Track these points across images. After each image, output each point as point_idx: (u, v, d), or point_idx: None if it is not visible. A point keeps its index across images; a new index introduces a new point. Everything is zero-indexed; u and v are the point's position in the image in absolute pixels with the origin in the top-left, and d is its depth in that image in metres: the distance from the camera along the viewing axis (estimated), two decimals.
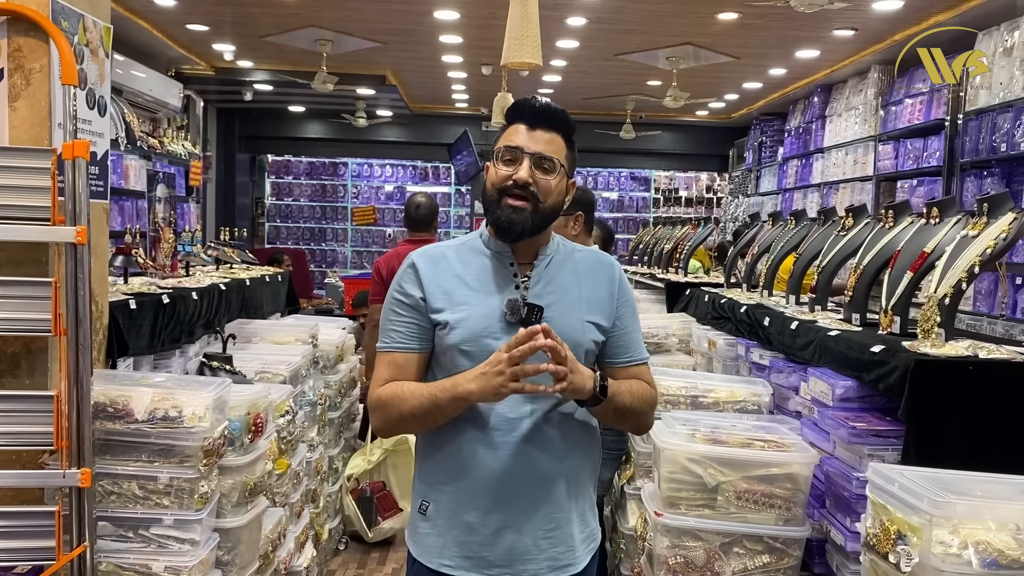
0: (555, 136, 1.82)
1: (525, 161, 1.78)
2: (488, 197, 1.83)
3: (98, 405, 2.32)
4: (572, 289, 1.85)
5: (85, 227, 2.18)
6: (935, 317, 2.39)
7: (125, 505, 2.36)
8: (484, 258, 1.85)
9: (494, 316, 1.78)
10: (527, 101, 1.83)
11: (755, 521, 2.32)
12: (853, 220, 3.31)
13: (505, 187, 1.78)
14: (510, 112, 1.85)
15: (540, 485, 1.80)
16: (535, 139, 1.79)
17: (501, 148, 1.81)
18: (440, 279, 1.82)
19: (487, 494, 1.77)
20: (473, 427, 1.77)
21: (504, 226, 1.79)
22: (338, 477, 4.48)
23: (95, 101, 2.64)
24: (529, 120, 1.81)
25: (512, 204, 1.77)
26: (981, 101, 5.48)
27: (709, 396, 2.95)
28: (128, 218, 6.97)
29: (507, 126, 1.85)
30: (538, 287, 1.83)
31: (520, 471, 1.77)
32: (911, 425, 2.11)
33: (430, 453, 1.85)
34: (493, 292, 1.81)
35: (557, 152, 1.81)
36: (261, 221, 14.14)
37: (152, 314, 3.03)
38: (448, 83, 9.77)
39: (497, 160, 1.81)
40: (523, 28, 4.06)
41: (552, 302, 1.81)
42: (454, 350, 1.78)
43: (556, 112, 1.83)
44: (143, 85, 7.70)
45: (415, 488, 1.92)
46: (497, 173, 1.80)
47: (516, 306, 1.77)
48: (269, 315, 4.69)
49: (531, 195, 1.77)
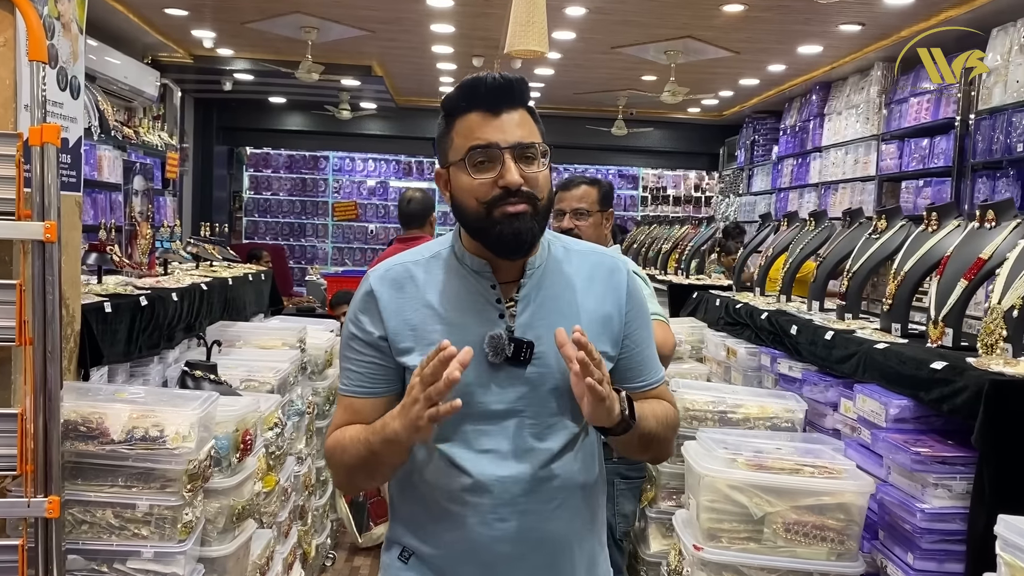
0: (523, 114, 1.45)
1: (507, 159, 1.41)
2: (472, 214, 1.44)
3: (69, 424, 2.06)
4: (569, 310, 1.50)
5: (55, 222, 1.91)
6: (1000, 331, 2.17)
7: (99, 536, 2.10)
8: (459, 277, 1.50)
9: (476, 355, 1.39)
10: (480, 80, 1.43)
11: (805, 556, 2.10)
12: (887, 223, 3.10)
13: (494, 198, 1.42)
14: (457, 100, 1.45)
15: (538, 548, 1.49)
16: (505, 126, 1.42)
17: (467, 149, 1.42)
18: (405, 311, 1.49)
19: (478, 559, 1.49)
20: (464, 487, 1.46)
21: (511, 241, 1.43)
22: (326, 489, 4.22)
23: (67, 81, 2.37)
24: (489, 104, 1.42)
25: (511, 212, 1.41)
26: (995, 99, 5.31)
27: (738, 411, 2.73)
28: (101, 212, 6.64)
29: (452, 117, 1.46)
30: (527, 314, 1.48)
31: (515, 536, 1.48)
32: (987, 453, 1.89)
33: (413, 507, 1.55)
34: (473, 324, 1.46)
35: (532, 133, 1.45)
36: (239, 216, 13.77)
37: (129, 318, 2.76)
38: (436, 75, 9.50)
39: (464, 166, 1.43)
40: (529, 13, 3.82)
41: (546, 330, 1.45)
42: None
43: (517, 83, 1.45)
44: (118, 72, 7.36)
45: (392, 528, 1.62)
46: (472, 183, 1.42)
47: (500, 345, 1.44)
48: (252, 316, 4.44)
49: (527, 196, 1.42)
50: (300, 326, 4.08)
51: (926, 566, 2.00)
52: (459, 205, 1.47)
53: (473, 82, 1.44)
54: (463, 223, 1.49)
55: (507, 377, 1.46)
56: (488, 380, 1.45)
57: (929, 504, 2.00)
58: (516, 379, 1.46)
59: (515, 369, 1.45)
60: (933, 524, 1.99)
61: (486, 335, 1.45)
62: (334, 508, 4.48)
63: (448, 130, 1.48)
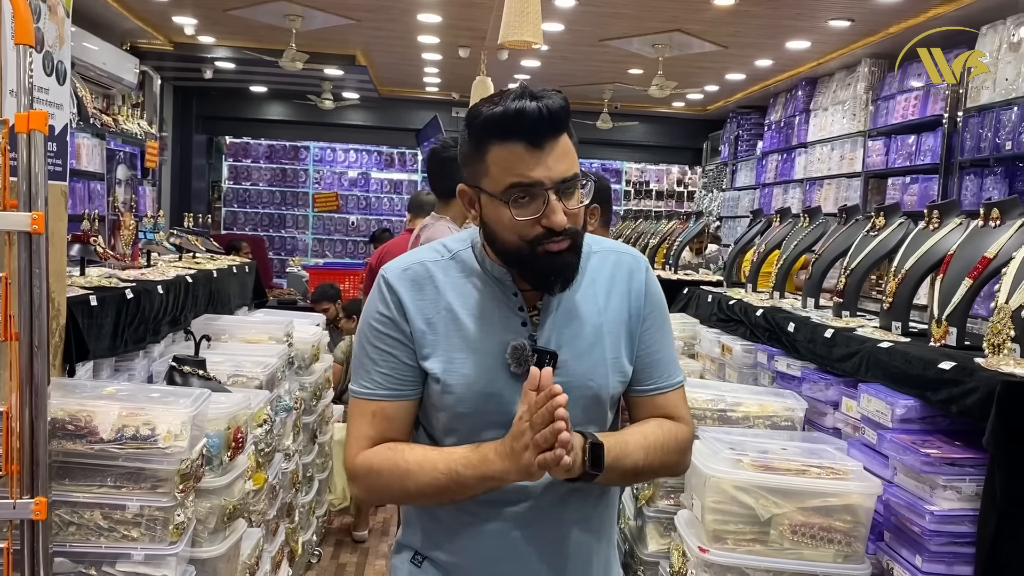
0: (564, 140, 1.36)
1: (552, 199, 1.33)
2: (510, 247, 1.38)
3: (56, 422, 1.99)
4: (592, 317, 1.46)
5: (42, 213, 1.84)
6: (1007, 331, 2.15)
7: (87, 538, 2.03)
8: (480, 283, 1.44)
9: (497, 366, 1.40)
10: (522, 112, 1.31)
11: (811, 558, 2.06)
12: (885, 220, 3.07)
13: (537, 236, 1.35)
14: (497, 127, 1.33)
15: (554, 555, 1.47)
16: (550, 161, 1.33)
17: (507, 185, 1.34)
18: (427, 312, 1.42)
19: (493, 566, 1.46)
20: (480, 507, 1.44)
21: (553, 282, 1.39)
22: (312, 486, 4.15)
23: (53, 66, 2.28)
24: (532, 137, 1.32)
25: (553, 250, 1.36)
26: (984, 97, 5.32)
27: (738, 410, 2.69)
28: (80, 202, 6.51)
29: (486, 144, 1.35)
30: (550, 323, 1.44)
31: (532, 543, 1.45)
32: (999, 456, 1.86)
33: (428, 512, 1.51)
34: (495, 333, 1.41)
35: (573, 161, 1.38)
36: (217, 206, 13.59)
37: (115, 311, 2.69)
38: (421, 65, 9.40)
39: (504, 201, 1.35)
40: (523, 4, 3.75)
41: (569, 341, 1.43)
42: (450, 411, 1.42)
43: (557, 110, 1.33)
44: (96, 59, 7.21)
45: (405, 532, 1.58)
46: (513, 221, 1.35)
47: (523, 355, 1.39)
48: (236, 309, 4.36)
49: (571, 233, 1.37)
50: (287, 320, 4.01)
51: (935, 568, 1.97)
52: (495, 236, 1.40)
53: (518, 112, 1.31)
54: (498, 252, 1.42)
55: None
56: (510, 389, 1.40)
57: (938, 506, 1.97)
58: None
59: None
60: (942, 526, 1.96)
61: (508, 344, 1.40)
62: (321, 504, 4.42)
63: (481, 152, 1.36)
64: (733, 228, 9.96)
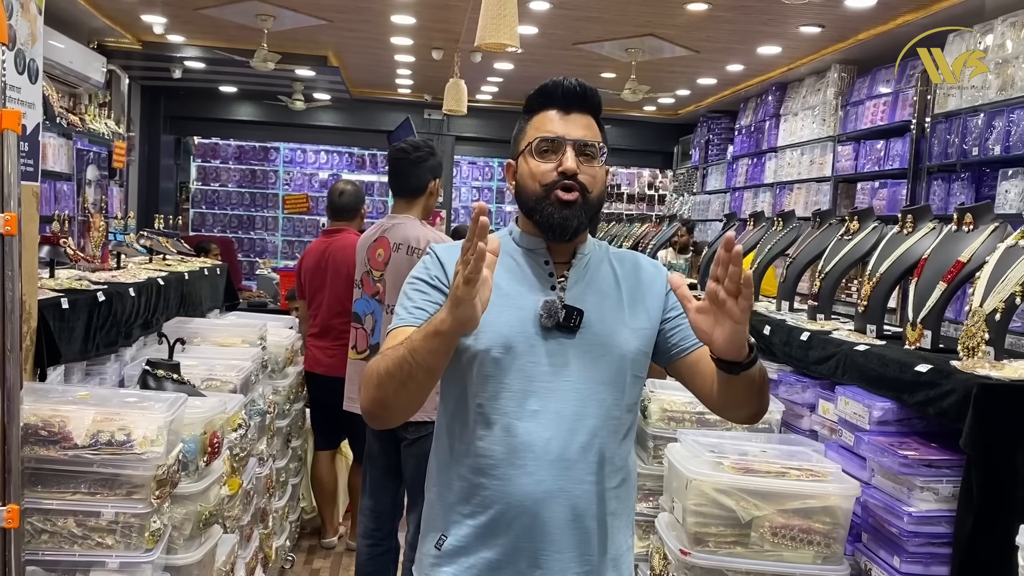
0: (591, 120, 1.66)
1: (568, 150, 1.61)
2: (531, 195, 1.63)
3: (28, 427, 1.94)
4: (612, 293, 1.67)
5: (15, 214, 1.80)
6: (982, 334, 2.18)
7: (60, 546, 1.99)
8: (515, 256, 1.67)
9: (528, 320, 1.59)
10: (558, 83, 1.66)
11: (791, 560, 2.08)
12: (859, 224, 3.11)
13: (552, 182, 1.60)
14: (537, 98, 1.68)
15: (576, 524, 1.58)
16: (573, 124, 1.63)
17: (536, 139, 1.62)
18: None
19: (516, 531, 1.56)
20: (507, 447, 1.57)
21: (558, 224, 1.60)
22: (286, 491, 4.11)
23: (25, 65, 2.24)
24: (563, 104, 1.65)
25: (563, 198, 1.59)
26: (951, 104, 5.41)
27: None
28: (47, 203, 6.39)
29: (530, 114, 1.68)
30: (576, 289, 1.64)
31: (555, 508, 1.56)
32: (976, 458, 1.89)
33: (454, 479, 1.63)
34: (526, 293, 1.62)
35: (596, 136, 1.65)
36: (185, 207, 13.42)
37: (86, 314, 2.64)
38: (393, 67, 9.35)
39: (531, 153, 1.63)
40: (500, 7, 3.75)
41: (592, 306, 1.62)
42: (483, 357, 1.57)
43: (590, 92, 1.67)
44: (62, 57, 7.07)
45: (428, 521, 1.68)
46: (537, 167, 1.62)
47: (553, 309, 1.58)
48: (208, 312, 4.31)
49: (580, 185, 1.60)
50: (260, 323, 3.97)
51: (912, 569, 2.00)
52: (521, 188, 1.64)
53: (553, 84, 1.65)
54: (521, 204, 1.65)
55: (556, 343, 1.58)
56: (538, 343, 1.57)
57: (915, 507, 2.00)
58: (564, 345, 1.58)
59: (563, 336, 1.58)
60: (920, 527, 1.99)
61: (541, 300, 1.59)
62: (295, 509, 4.39)
63: (526, 124, 1.68)
64: (704, 231, 10.03)
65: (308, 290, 4.38)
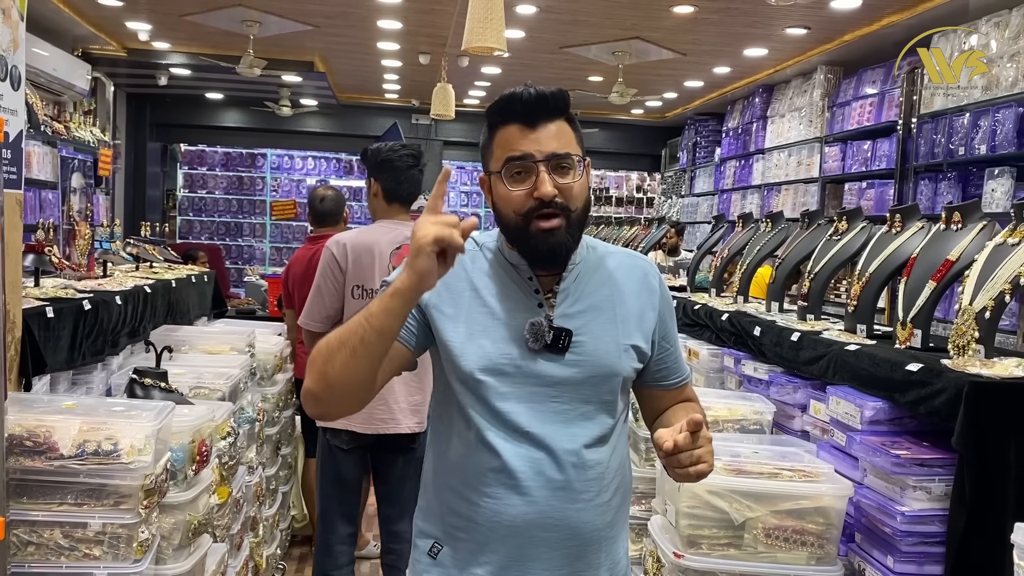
0: (559, 124, 1.51)
1: (541, 171, 1.47)
2: (509, 223, 1.52)
3: (13, 438, 1.92)
4: (606, 306, 1.57)
5: None
6: (972, 332, 2.18)
7: (47, 558, 1.96)
8: (501, 269, 1.56)
9: (514, 341, 1.50)
10: (516, 96, 1.50)
11: (785, 561, 2.07)
12: (848, 224, 3.11)
13: (529, 209, 1.48)
14: (495, 114, 1.53)
15: (570, 542, 1.53)
16: (541, 138, 1.48)
17: (503, 161, 1.49)
18: (453, 281, 1.52)
19: (507, 544, 1.52)
20: (497, 467, 1.51)
21: (546, 255, 1.51)
22: (276, 499, 4.08)
23: (7, 71, 2.21)
24: (524, 117, 1.49)
25: (544, 227, 1.48)
26: (937, 104, 5.43)
27: (707, 414, 2.69)
28: (31, 211, 6.34)
29: (493, 131, 1.53)
30: (565, 305, 1.54)
31: (548, 528, 1.51)
32: (968, 456, 1.89)
33: (445, 491, 1.58)
34: (512, 311, 1.53)
35: (569, 143, 1.51)
36: (172, 215, 13.35)
37: (72, 323, 2.61)
38: (380, 72, 9.34)
39: (501, 179, 1.50)
40: (487, 10, 3.74)
41: (583, 323, 1.54)
42: (469, 379, 1.50)
43: (553, 97, 1.50)
44: (46, 64, 7.03)
45: (419, 527, 1.63)
46: (511, 194, 1.49)
47: (540, 331, 1.50)
48: (196, 319, 4.28)
49: (560, 208, 1.48)
50: (248, 330, 3.94)
51: (906, 569, 2.00)
52: (498, 211, 1.54)
53: (510, 96, 1.50)
54: (502, 228, 1.55)
55: (545, 363, 1.51)
56: (525, 364, 1.50)
57: (908, 507, 2.00)
58: (553, 365, 1.51)
59: (553, 356, 1.51)
60: (913, 527, 1.99)
61: (527, 321, 1.50)
62: (285, 517, 4.36)
63: (490, 140, 1.54)
64: (693, 233, 10.05)
65: (297, 298, 4.36)
